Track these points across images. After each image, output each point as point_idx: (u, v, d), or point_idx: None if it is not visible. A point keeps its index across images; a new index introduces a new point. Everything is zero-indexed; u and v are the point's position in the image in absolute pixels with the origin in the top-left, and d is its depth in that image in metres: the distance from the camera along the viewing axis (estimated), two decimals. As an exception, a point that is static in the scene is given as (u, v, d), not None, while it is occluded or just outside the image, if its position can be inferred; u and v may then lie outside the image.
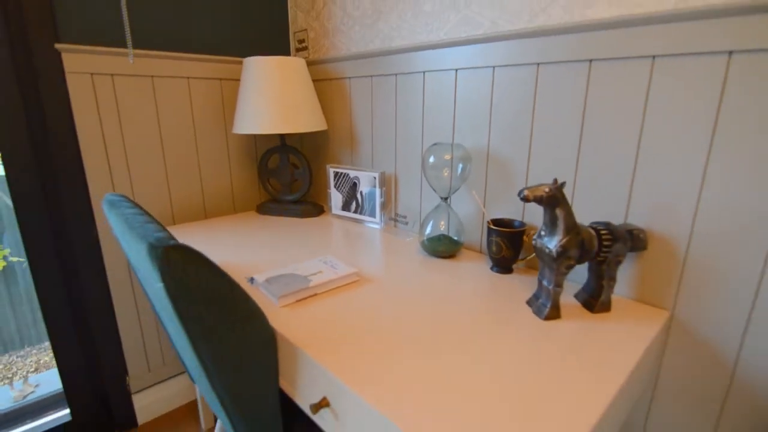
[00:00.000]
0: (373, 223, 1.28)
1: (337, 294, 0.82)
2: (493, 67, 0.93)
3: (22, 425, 1.33)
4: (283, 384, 0.73)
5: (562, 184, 0.68)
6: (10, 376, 1.59)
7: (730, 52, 0.63)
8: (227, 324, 0.62)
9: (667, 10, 0.67)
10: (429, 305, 0.77)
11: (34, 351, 1.68)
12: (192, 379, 1.03)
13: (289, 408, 0.88)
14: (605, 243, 0.70)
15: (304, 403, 0.67)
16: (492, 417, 0.49)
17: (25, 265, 1.36)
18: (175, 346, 0.92)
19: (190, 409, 1.50)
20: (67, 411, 1.36)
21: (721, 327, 0.71)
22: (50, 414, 1.37)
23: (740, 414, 0.72)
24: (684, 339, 0.75)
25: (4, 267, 1.55)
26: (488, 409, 0.50)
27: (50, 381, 1.52)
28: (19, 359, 1.64)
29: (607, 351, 0.62)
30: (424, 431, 0.47)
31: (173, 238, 0.57)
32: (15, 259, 1.59)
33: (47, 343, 1.65)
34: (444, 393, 0.53)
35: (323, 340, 0.66)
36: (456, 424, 0.48)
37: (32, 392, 1.56)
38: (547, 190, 0.66)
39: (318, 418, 0.65)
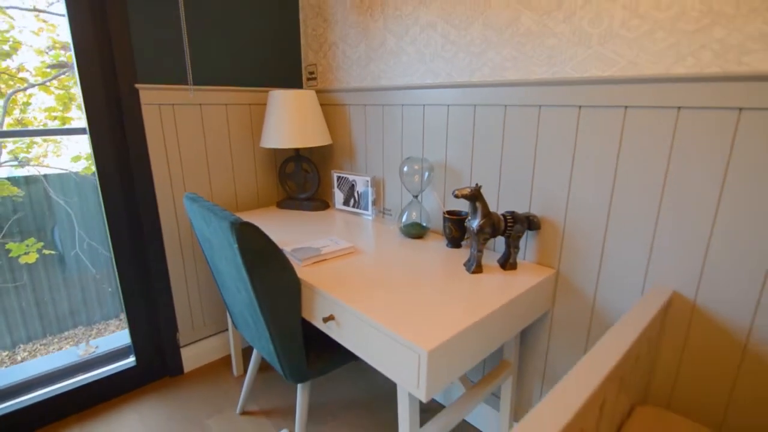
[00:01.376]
0: (366, 215, 1.69)
1: (339, 259, 1.23)
2: (448, 105, 1.34)
3: (97, 369, 1.74)
4: (304, 314, 1.14)
5: (480, 187, 1.08)
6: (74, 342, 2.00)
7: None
8: (272, 272, 1.03)
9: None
10: (402, 266, 1.18)
11: (82, 329, 2.08)
12: (236, 326, 1.43)
13: (305, 332, 1.29)
14: (509, 224, 1.11)
15: (318, 319, 1.08)
16: (425, 315, 0.90)
17: (59, 256, 1.79)
18: (229, 302, 1.33)
19: (225, 361, 1.91)
20: (131, 359, 1.77)
21: (585, 276, 1.11)
22: (117, 362, 1.78)
23: (599, 334, 1.12)
24: (565, 285, 1.16)
25: (36, 259, 1.95)
26: (425, 313, 0.91)
27: (106, 343, 1.92)
28: (73, 336, 2.05)
29: (502, 289, 1.03)
30: (391, 322, 0.88)
31: (242, 219, 0.98)
32: (47, 252, 2.00)
33: (95, 325, 2.06)
34: (404, 307, 0.94)
35: (330, 283, 1.07)
36: (410, 320, 0.89)
37: (94, 351, 1.97)
38: (468, 190, 1.07)
39: (326, 328, 1.06)
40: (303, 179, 1.85)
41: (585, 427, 0.63)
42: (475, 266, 1.12)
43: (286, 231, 1.51)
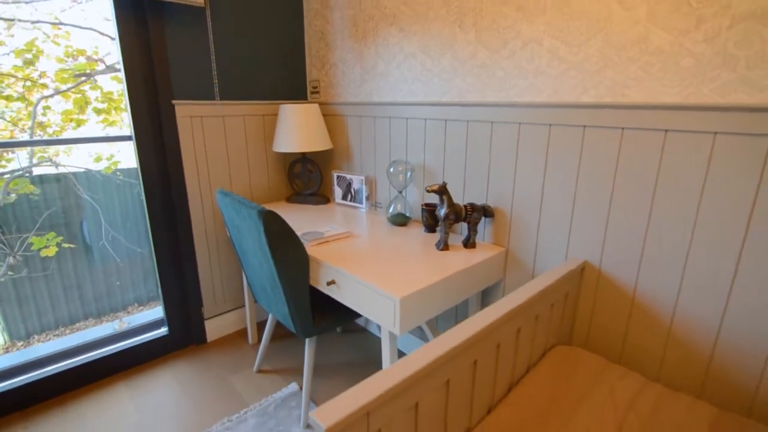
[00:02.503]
0: (361, 208, 2.02)
1: (338, 241, 1.57)
2: (425, 119, 1.67)
3: (133, 338, 2.07)
4: (311, 281, 1.48)
5: (446, 184, 1.42)
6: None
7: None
8: (288, 248, 1.37)
9: (489, 100, 1.41)
10: (387, 246, 1.51)
11: (111, 312, 2.41)
12: (255, 297, 1.77)
13: (311, 300, 1.62)
14: (469, 212, 1.45)
15: (322, 284, 1.42)
16: (401, 277, 1.24)
17: (76, 250, 2.13)
18: (250, 276, 1.66)
19: (241, 333, 2.25)
20: (164, 329, 2.11)
21: (526, 251, 1.45)
22: (152, 332, 2.11)
23: (537, 297, 1.46)
24: (513, 258, 1.50)
25: (56, 252, 2.27)
26: (402, 276, 1.25)
27: (135, 320, 2.25)
28: (106, 317, 2.39)
29: (462, 261, 1.37)
30: (376, 281, 1.22)
31: (267, 208, 1.32)
32: (67, 245, 2.32)
33: (120, 310, 2.39)
34: (386, 272, 1.28)
35: (332, 257, 1.41)
36: (390, 280, 1.23)
37: (126, 326, 2.30)
38: (437, 186, 1.41)
39: (328, 290, 1.40)
40: (308, 178, 2.19)
41: (485, 348, 0.97)
42: (442, 245, 1.46)
43: (295, 220, 1.85)
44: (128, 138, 1.86)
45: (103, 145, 2.04)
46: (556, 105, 1.27)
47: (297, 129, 1.95)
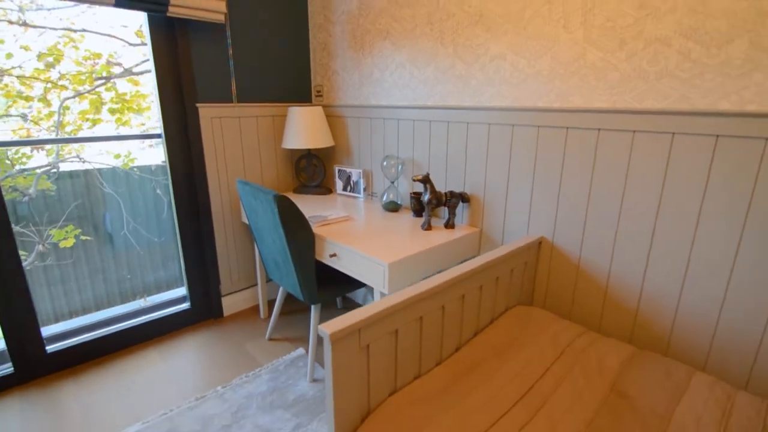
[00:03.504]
0: (359, 197, 2.31)
1: (339, 224, 1.85)
2: (413, 120, 1.96)
3: (158, 312, 2.36)
4: (317, 255, 1.76)
5: (428, 174, 1.70)
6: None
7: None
8: (298, 227, 1.66)
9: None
10: (380, 228, 1.80)
11: (134, 293, 2.71)
12: (267, 272, 2.06)
13: (316, 275, 1.91)
14: (448, 198, 1.73)
15: (326, 256, 1.71)
16: (391, 249, 1.52)
17: (94, 241, 2.42)
18: (264, 252, 1.95)
19: (254, 309, 2.54)
20: (186, 304, 2.40)
21: (496, 231, 1.74)
22: (174, 306, 2.40)
23: (505, 269, 1.74)
24: (486, 237, 1.78)
25: (74, 244, 2.56)
26: (391, 248, 1.54)
27: (157, 299, 2.55)
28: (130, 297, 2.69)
29: (441, 238, 1.65)
30: (370, 251, 1.51)
31: (280, 194, 1.61)
32: (85, 238, 2.61)
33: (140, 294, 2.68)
34: (379, 246, 1.57)
35: (334, 235, 1.69)
36: (382, 251, 1.51)
37: (151, 303, 2.60)
38: (421, 176, 1.69)
39: (331, 261, 1.69)
40: (312, 171, 2.48)
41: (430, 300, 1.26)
42: (426, 226, 1.75)
43: (302, 207, 2.14)
44: (158, 136, 2.15)
45: (115, 144, 2.34)
46: (517, 109, 1.55)
47: (303, 128, 2.23)
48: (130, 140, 2.27)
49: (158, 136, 2.15)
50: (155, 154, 2.91)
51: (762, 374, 1.17)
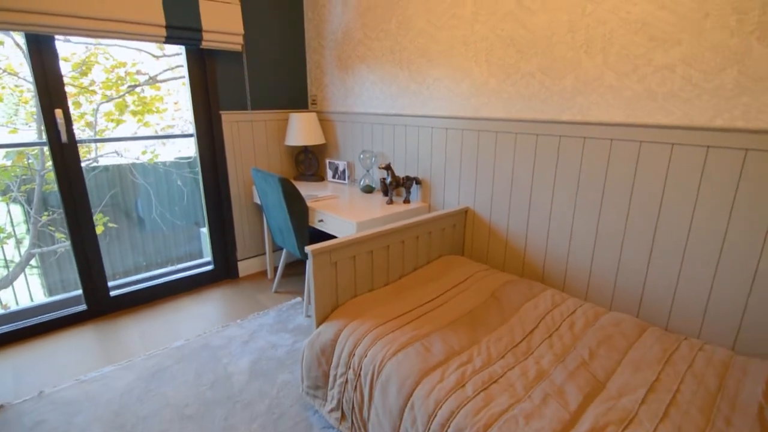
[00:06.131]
0: (344, 183, 2.98)
1: (327, 200, 2.52)
2: (383, 124, 2.62)
3: (187, 271, 3.03)
4: (309, 222, 2.44)
5: (389, 163, 2.37)
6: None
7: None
8: (296, 202, 2.33)
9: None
10: (357, 204, 2.47)
11: (164, 266, 3.40)
12: (273, 237, 2.73)
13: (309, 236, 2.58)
14: (405, 181, 2.40)
15: (315, 222, 2.38)
16: (361, 215, 2.20)
17: (116, 228, 3.12)
18: (271, 223, 2.62)
19: (262, 273, 3.22)
20: (210, 266, 3.07)
21: (438, 204, 2.40)
22: (202, 267, 3.08)
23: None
24: (432, 208, 2.44)
25: (102, 231, 3.24)
26: (362, 214, 2.21)
27: (186, 265, 3.25)
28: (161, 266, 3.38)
29: (397, 209, 2.32)
30: (347, 216, 2.18)
31: (284, 177, 2.29)
32: (112, 225, 3.30)
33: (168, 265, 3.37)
34: (353, 213, 2.24)
35: (322, 207, 2.37)
36: (355, 215, 2.19)
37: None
38: (385, 165, 2.35)
39: (319, 225, 2.36)
40: (309, 163, 3.15)
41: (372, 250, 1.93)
42: (389, 201, 2.41)
43: (300, 190, 2.80)
44: (191, 135, 2.83)
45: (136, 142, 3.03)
46: (448, 117, 2.22)
47: (301, 129, 2.91)
48: (158, 139, 2.94)
49: (191, 135, 2.83)
50: (171, 152, 3.66)
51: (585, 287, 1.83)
